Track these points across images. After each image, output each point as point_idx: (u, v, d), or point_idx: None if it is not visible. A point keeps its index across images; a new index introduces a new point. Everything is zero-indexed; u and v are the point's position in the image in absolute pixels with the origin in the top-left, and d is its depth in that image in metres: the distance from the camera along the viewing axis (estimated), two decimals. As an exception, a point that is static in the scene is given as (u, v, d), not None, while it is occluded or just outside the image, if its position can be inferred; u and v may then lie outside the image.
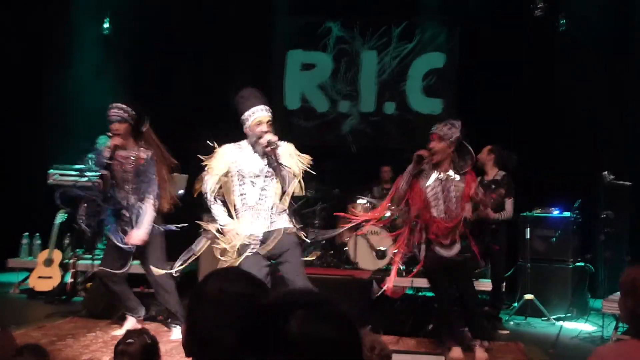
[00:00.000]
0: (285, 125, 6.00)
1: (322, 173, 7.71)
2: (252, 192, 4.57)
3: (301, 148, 4.77)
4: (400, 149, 7.63)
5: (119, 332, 5.19)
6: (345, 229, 5.48)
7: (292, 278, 4.57)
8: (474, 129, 5.23)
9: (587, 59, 8.28)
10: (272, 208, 4.56)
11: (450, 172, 5.05)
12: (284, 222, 4.61)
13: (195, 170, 4.81)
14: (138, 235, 5.15)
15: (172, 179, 5.45)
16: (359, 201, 8.00)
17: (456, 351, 4.97)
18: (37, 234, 7.81)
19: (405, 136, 9.47)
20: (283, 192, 4.57)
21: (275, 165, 4.51)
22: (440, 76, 9.70)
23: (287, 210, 4.63)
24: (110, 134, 5.20)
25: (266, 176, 4.58)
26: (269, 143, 4.48)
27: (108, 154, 5.17)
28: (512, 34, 8.73)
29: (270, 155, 4.53)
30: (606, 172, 6.16)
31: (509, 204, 6.47)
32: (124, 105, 5.22)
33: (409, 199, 5.07)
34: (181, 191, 7.54)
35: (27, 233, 7.82)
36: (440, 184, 5.03)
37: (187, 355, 1.72)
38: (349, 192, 8.23)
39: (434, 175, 5.05)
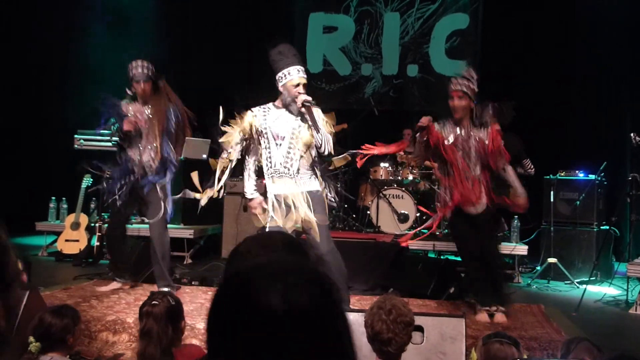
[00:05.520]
0: (308, 89, 5.93)
1: (344, 136, 7.69)
2: (277, 155, 4.54)
3: (323, 111, 4.73)
4: (423, 111, 7.53)
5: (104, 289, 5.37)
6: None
7: (318, 239, 4.45)
8: (497, 91, 5.12)
9: (612, 18, 8.09)
10: (298, 171, 4.52)
11: (473, 128, 4.88)
12: (312, 184, 4.57)
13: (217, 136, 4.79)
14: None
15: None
16: (381, 164, 7.99)
17: (482, 314, 4.86)
18: (64, 198, 7.94)
19: (428, 99, 9.38)
20: (314, 154, 4.56)
21: (310, 125, 4.46)
22: (464, 38, 9.56)
23: (317, 173, 4.60)
24: (131, 92, 5.20)
25: (291, 138, 4.53)
26: (305, 103, 4.44)
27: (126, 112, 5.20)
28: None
29: (305, 115, 4.49)
30: (633, 134, 6.05)
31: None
32: (146, 62, 5.17)
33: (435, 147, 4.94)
34: (204, 155, 7.58)
35: (54, 197, 7.95)
36: (461, 140, 4.89)
37: None
38: (372, 155, 8.17)
39: (456, 131, 4.92)
